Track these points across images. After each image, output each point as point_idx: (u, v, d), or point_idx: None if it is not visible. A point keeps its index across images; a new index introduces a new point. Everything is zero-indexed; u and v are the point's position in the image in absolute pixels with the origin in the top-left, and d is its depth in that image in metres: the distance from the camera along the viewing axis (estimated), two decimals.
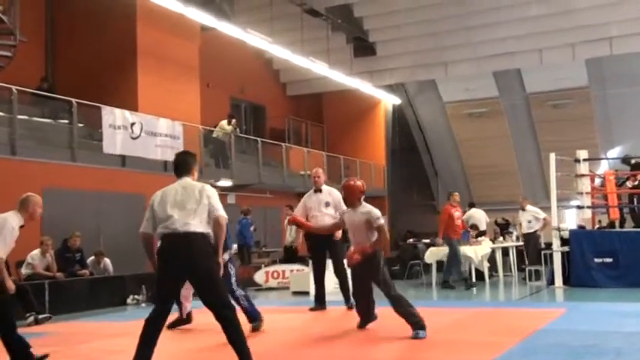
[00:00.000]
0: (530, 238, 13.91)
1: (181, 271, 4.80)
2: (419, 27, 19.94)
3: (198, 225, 4.77)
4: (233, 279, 7.07)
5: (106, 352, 6.45)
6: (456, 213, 12.38)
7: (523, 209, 14.04)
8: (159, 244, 4.95)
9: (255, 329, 6.99)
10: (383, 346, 6.24)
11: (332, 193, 8.86)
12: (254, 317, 7.07)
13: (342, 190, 7.03)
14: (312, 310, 8.90)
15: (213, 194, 4.94)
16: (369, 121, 24.32)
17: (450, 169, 26.79)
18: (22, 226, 6.08)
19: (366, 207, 6.56)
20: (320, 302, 8.98)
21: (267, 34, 16.71)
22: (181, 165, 5.15)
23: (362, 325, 6.94)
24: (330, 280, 12.97)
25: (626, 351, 5.40)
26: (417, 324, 6.25)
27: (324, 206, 8.74)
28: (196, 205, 4.81)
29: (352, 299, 7.59)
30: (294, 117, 23.43)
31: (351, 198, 6.70)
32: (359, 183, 6.71)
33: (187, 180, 5.02)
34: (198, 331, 7.41)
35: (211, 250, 4.80)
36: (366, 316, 6.94)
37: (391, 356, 5.75)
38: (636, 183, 12.98)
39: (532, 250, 13.84)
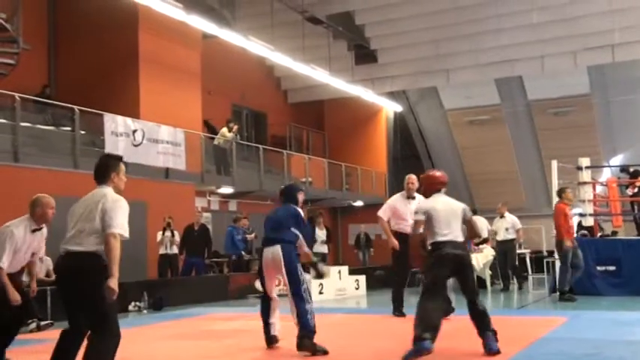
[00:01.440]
0: (508, 247, 13.57)
1: (67, 293, 4.41)
2: (420, 34, 19.97)
3: (87, 244, 4.28)
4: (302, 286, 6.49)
5: None
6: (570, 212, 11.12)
7: (502, 216, 13.87)
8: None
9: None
10: (380, 352, 6.22)
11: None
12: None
13: (421, 181, 6.78)
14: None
15: (111, 207, 4.30)
16: (370, 129, 24.34)
17: (451, 177, 26.43)
18: (38, 229, 5.95)
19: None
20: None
21: (268, 41, 16.75)
22: (97, 171, 4.61)
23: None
24: (332, 288, 13.03)
25: None
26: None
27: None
28: (90, 222, 4.29)
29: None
30: (295, 124, 23.46)
31: (430, 188, 6.29)
32: (438, 174, 6.37)
33: (99, 189, 4.50)
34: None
35: (97, 270, 4.22)
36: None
37: None
38: (636, 190, 12.97)
39: (510, 259, 13.57)
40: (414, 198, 8.70)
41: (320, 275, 7.94)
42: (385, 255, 8.99)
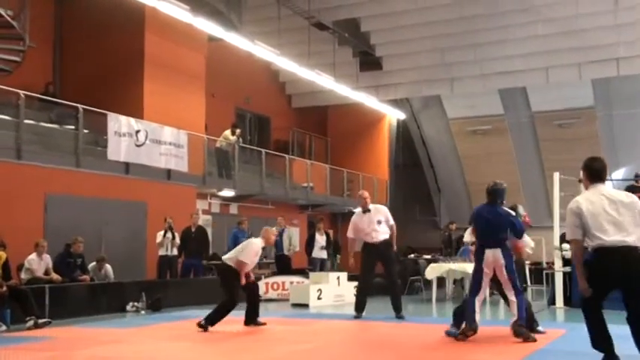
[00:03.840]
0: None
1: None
2: (425, 43, 20.01)
3: None
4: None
5: (104, 359, 6.44)
6: None
7: None
8: None
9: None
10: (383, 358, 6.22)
11: (380, 210, 9.59)
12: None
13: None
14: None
15: None
16: (373, 136, 24.36)
17: (452, 186, 26.74)
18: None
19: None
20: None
21: (274, 46, 16.80)
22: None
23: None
24: (330, 294, 13.02)
25: None
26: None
27: (377, 224, 9.41)
28: None
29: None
30: (298, 129, 23.48)
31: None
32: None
33: None
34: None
35: None
36: None
37: None
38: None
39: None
40: (369, 211, 9.59)
41: None
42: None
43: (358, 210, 9.97)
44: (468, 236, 9.05)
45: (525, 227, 7.76)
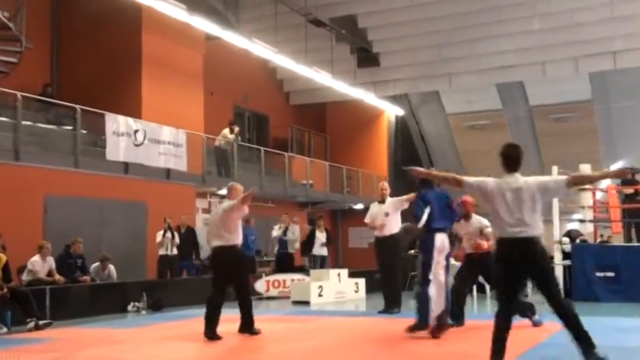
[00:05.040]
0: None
1: None
2: (423, 38, 19.99)
3: None
4: None
5: (105, 359, 6.45)
6: None
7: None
8: None
9: None
10: (382, 355, 6.23)
11: (392, 203, 9.87)
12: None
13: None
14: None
15: None
16: (372, 132, 24.35)
17: None
18: None
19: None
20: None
21: (271, 43, 16.77)
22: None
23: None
24: (331, 291, 13.03)
25: None
26: None
27: (384, 216, 9.70)
28: None
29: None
30: (297, 126, 23.47)
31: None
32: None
33: None
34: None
35: None
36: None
37: None
38: (632, 191, 13.03)
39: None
40: (384, 202, 9.91)
41: None
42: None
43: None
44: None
45: (463, 210, 7.75)
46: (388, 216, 9.65)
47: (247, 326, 7.47)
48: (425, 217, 7.11)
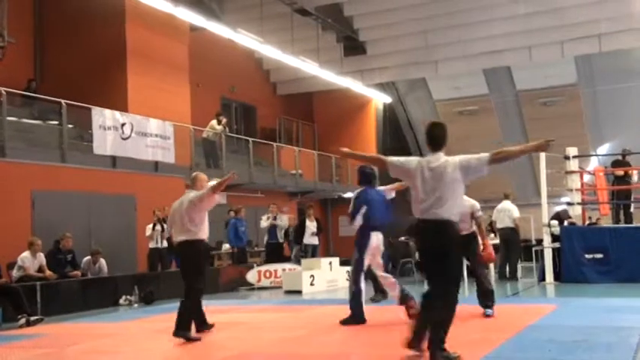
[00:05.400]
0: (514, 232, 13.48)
1: None
2: (409, 25, 19.98)
3: None
4: None
5: (98, 353, 6.44)
6: None
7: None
8: None
9: None
10: (372, 342, 6.25)
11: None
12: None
13: None
14: None
15: None
16: (359, 120, 24.34)
17: None
18: None
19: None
20: None
21: (256, 33, 16.69)
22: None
23: None
24: (323, 280, 13.06)
25: (616, 346, 5.43)
26: None
27: None
28: None
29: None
30: (284, 116, 23.42)
31: None
32: None
33: None
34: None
35: None
36: None
37: (381, 353, 5.76)
38: (622, 174, 13.13)
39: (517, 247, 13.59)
40: None
41: None
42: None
43: None
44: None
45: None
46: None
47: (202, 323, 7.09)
48: (359, 217, 7.23)
